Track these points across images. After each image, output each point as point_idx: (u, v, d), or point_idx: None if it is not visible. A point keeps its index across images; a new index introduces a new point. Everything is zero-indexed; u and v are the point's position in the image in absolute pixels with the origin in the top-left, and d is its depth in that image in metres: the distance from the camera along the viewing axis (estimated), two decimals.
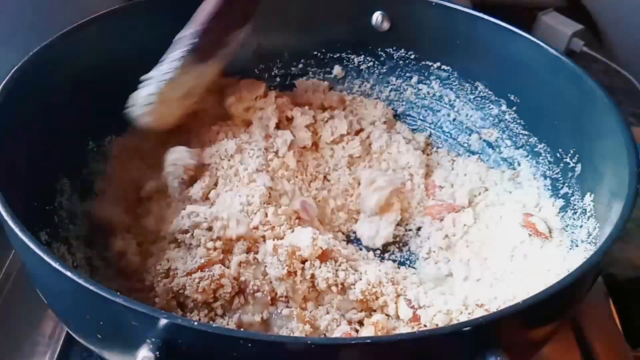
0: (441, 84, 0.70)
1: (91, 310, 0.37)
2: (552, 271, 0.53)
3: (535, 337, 0.42)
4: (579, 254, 0.52)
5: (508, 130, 0.66)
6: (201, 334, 0.34)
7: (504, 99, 0.66)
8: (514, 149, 0.65)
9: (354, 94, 0.74)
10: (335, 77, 0.74)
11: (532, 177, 0.63)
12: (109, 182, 0.59)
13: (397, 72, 0.72)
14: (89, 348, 0.43)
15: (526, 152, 0.64)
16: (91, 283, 0.35)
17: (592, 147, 0.54)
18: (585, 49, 0.91)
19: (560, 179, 0.59)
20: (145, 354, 0.34)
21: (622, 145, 0.48)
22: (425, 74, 0.71)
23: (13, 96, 0.48)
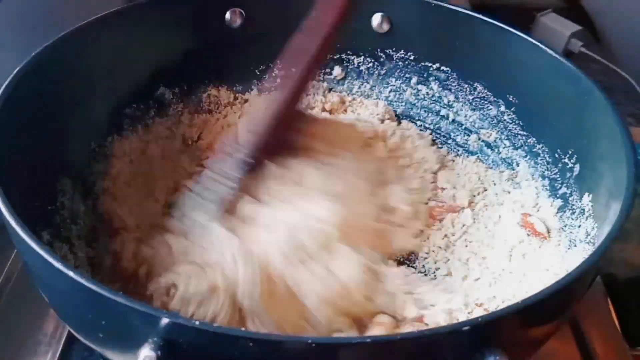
0: (440, 84, 0.71)
1: (93, 309, 0.37)
2: (551, 271, 0.53)
3: (534, 337, 0.42)
4: (578, 254, 0.52)
5: (507, 130, 0.66)
6: (203, 334, 0.34)
7: (502, 99, 0.66)
8: (513, 150, 0.66)
9: (354, 94, 0.74)
10: (335, 78, 0.74)
11: (530, 177, 0.63)
12: (113, 182, 0.59)
13: (396, 73, 0.73)
14: (90, 347, 0.43)
15: (525, 153, 0.64)
16: (93, 283, 0.34)
17: (591, 147, 0.54)
18: (584, 49, 0.91)
19: (558, 179, 0.59)
20: (147, 353, 0.33)
21: (620, 145, 0.48)
22: (425, 74, 0.71)
23: (15, 97, 0.48)
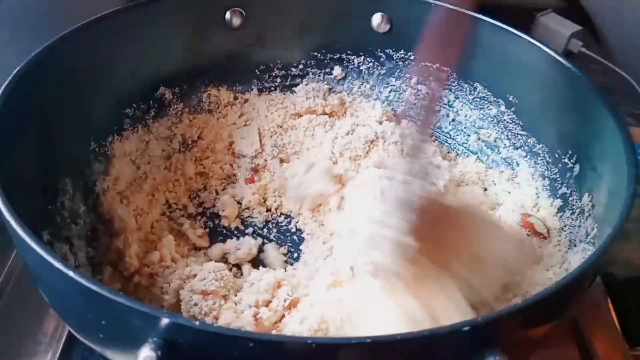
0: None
1: (93, 309, 0.37)
2: (551, 271, 0.53)
3: (534, 337, 0.41)
4: (578, 254, 0.52)
5: (507, 130, 0.66)
6: (203, 334, 0.34)
7: (502, 99, 0.66)
8: (513, 150, 0.66)
9: (354, 94, 0.74)
10: (335, 78, 0.74)
11: (530, 177, 0.63)
12: (113, 182, 0.59)
13: (396, 73, 0.73)
14: (90, 347, 0.43)
15: (525, 153, 0.64)
16: (93, 283, 0.34)
17: (591, 147, 0.54)
18: (584, 49, 0.91)
19: (558, 179, 0.59)
20: (147, 353, 0.34)
21: (620, 145, 0.48)
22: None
23: (15, 97, 0.48)
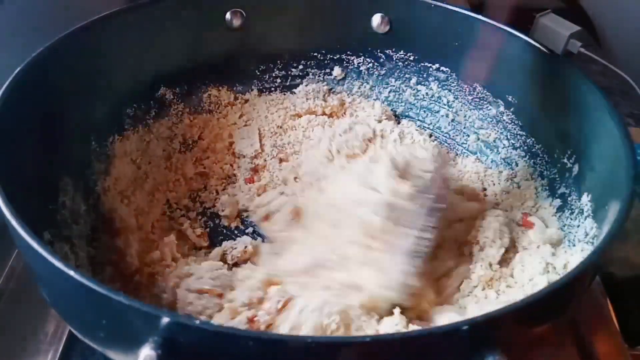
0: (440, 85, 0.71)
1: (93, 309, 0.37)
2: (550, 271, 0.53)
3: (534, 337, 0.42)
4: (577, 254, 0.52)
5: (506, 130, 0.66)
6: (203, 333, 0.34)
7: (502, 99, 0.66)
8: (512, 150, 0.66)
9: (354, 95, 0.74)
10: (335, 79, 0.75)
11: (529, 177, 0.63)
12: (114, 182, 0.59)
13: (396, 73, 0.73)
14: (91, 346, 0.43)
15: (524, 153, 0.64)
16: (93, 282, 0.35)
17: (590, 147, 0.55)
18: (583, 50, 0.91)
19: (557, 179, 0.59)
20: (148, 352, 0.34)
21: (619, 145, 0.49)
22: (424, 75, 0.71)
23: (16, 97, 0.48)
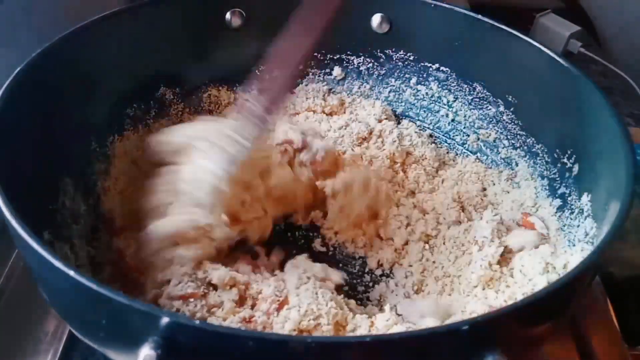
0: (440, 85, 0.71)
1: (93, 309, 0.37)
2: (550, 271, 0.53)
3: (533, 336, 0.42)
4: (577, 254, 0.52)
5: (506, 130, 0.66)
6: (202, 333, 0.34)
7: (501, 99, 0.66)
8: (512, 150, 0.66)
9: (354, 94, 0.74)
10: (335, 78, 0.75)
11: (529, 177, 0.63)
12: (114, 182, 0.59)
13: (396, 73, 0.73)
14: (91, 346, 0.43)
15: (524, 153, 0.64)
16: (93, 282, 0.35)
17: (590, 147, 0.55)
18: (583, 50, 0.91)
19: (557, 179, 0.59)
20: (147, 352, 0.34)
21: (619, 145, 0.49)
22: (424, 75, 0.71)
23: (16, 97, 0.48)
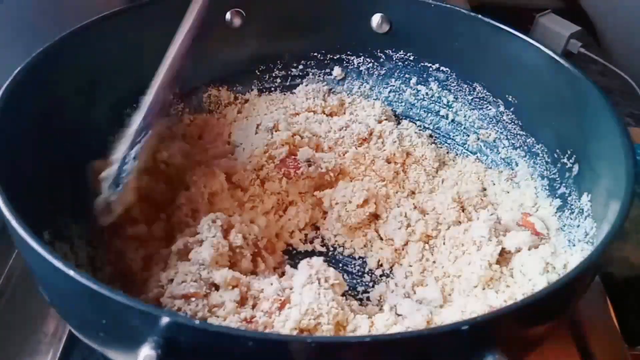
0: (440, 85, 0.71)
1: (93, 309, 0.37)
2: (550, 271, 0.53)
3: (533, 336, 0.42)
4: (577, 254, 0.52)
5: (506, 130, 0.66)
6: (202, 333, 0.34)
7: (501, 99, 0.66)
8: (512, 150, 0.66)
9: (354, 95, 0.74)
10: (335, 79, 0.75)
11: (529, 177, 0.63)
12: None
13: (396, 73, 0.73)
14: (91, 346, 0.43)
15: (524, 153, 0.64)
16: (93, 282, 0.35)
17: (590, 147, 0.55)
18: (583, 50, 0.91)
19: (557, 179, 0.59)
20: (147, 352, 0.34)
21: (619, 145, 0.49)
22: (424, 75, 0.71)
23: (16, 97, 0.48)
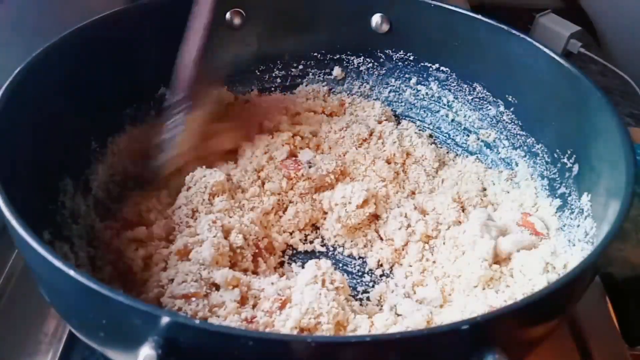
0: (440, 85, 0.71)
1: (93, 308, 0.37)
2: (550, 270, 0.53)
3: (533, 336, 0.42)
4: (577, 254, 0.52)
5: (506, 130, 0.66)
6: (203, 332, 0.34)
7: (501, 100, 0.66)
8: (512, 150, 0.66)
9: (354, 95, 0.74)
10: (335, 79, 0.75)
11: (529, 177, 0.63)
12: (114, 182, 0.60)
13: (396, 73, 0.73)
14: (91, 346, 0.43)
15: (524, 153, 0.64)
16: (93, 282, 0.35)
17: (589, 147, 0.55)
18: (583, 50, 0.91)
19: (557, 179, 0.59)
20: (148, 352, 0.34)
21: (618, 145, 0.49)
22: (424, 75, 0.71)
23: (16, 97, 0.48)
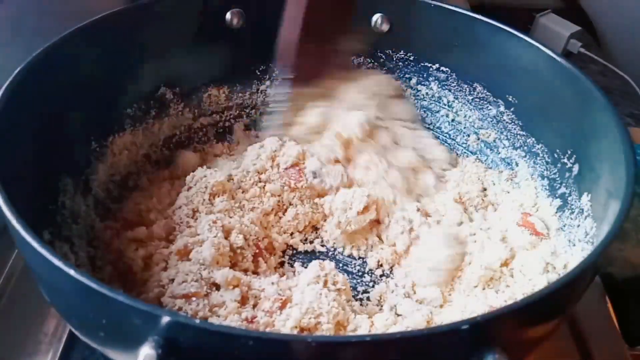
0: (440, 85, 0.71)
1: (93, 308, 0.37)
2: (550, 270, 0.53)
3: (533, 336, 0.42)
4: (577, 254, 0.52)
5: (506, 131, 0.66)
6: (203, 332, 0.34)
7: (502, 100, 0.66)
8: (512, 150, 0.66)
9: None
10: None
11: (529, 177, 0.63)
12: (114, 182, 0.60)
13: (396, 73, 0.73)
14: (91, 346, 0.43)
15: (524, 153, 0.64)
16: (93, 281, 0.35)
17: (590, 147, 0.55)
18: (583, 50, 0.92)
19: (557, 179, 0.59)
20: (148, 351, 0.34)
21: (619, 145, 0.49)
22: (424, 75, 0.71)
23: (16, 97, 0.48)
